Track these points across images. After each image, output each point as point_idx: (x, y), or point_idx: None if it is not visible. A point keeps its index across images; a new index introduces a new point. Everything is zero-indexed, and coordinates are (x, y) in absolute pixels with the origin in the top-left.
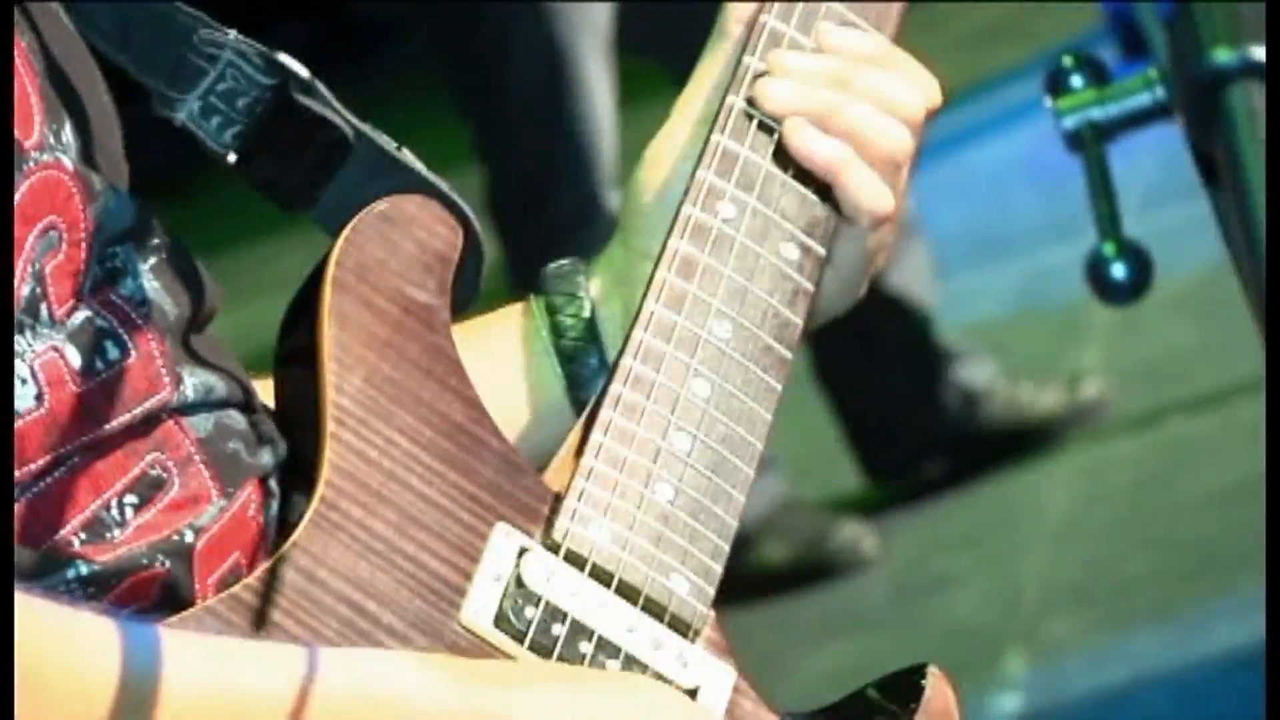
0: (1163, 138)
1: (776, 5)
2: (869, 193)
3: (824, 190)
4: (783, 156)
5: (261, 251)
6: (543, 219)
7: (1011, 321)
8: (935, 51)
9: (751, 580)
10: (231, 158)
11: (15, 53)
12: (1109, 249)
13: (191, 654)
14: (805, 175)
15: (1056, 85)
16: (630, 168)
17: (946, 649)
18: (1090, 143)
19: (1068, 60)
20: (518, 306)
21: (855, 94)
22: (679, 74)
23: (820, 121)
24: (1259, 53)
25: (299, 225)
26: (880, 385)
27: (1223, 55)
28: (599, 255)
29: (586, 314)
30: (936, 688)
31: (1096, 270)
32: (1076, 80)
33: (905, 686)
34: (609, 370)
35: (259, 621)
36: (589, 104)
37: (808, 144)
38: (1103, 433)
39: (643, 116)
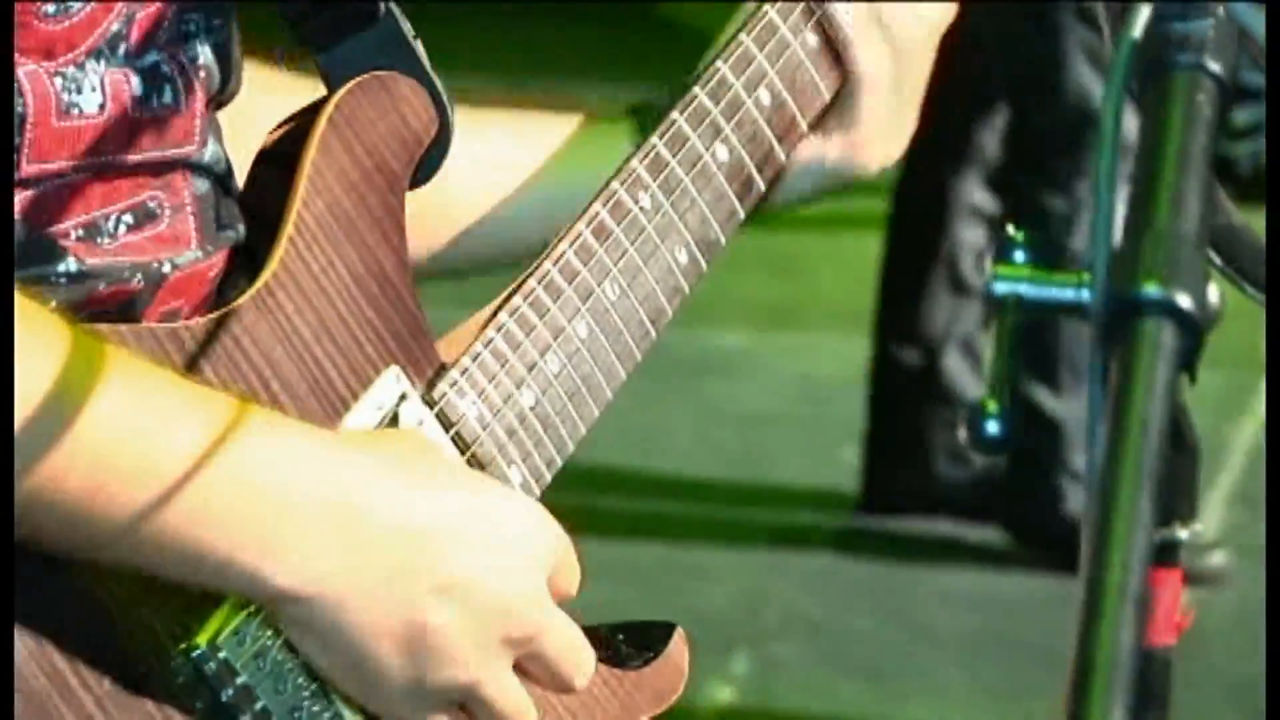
0: None
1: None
2: (880, 58)
3: (722, 218)
4: (700, 179)
5: None
6: None
7: None
8: None
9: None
10: None
11: None
12: (991, 406)
13: (125, 380)
14: (711, 201)
15: (1001, 252)
16: None
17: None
18: (1010, 310)
19: (1018, 235)
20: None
21: None
22: None
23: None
24: (1184, 301)
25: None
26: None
27: (1152, 289)
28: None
29: None
30: (678, 645)
31: (974, 419)
32: (1019, 255)
33: (654, 635)
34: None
35: (186, 361)
36: None
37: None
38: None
39: None
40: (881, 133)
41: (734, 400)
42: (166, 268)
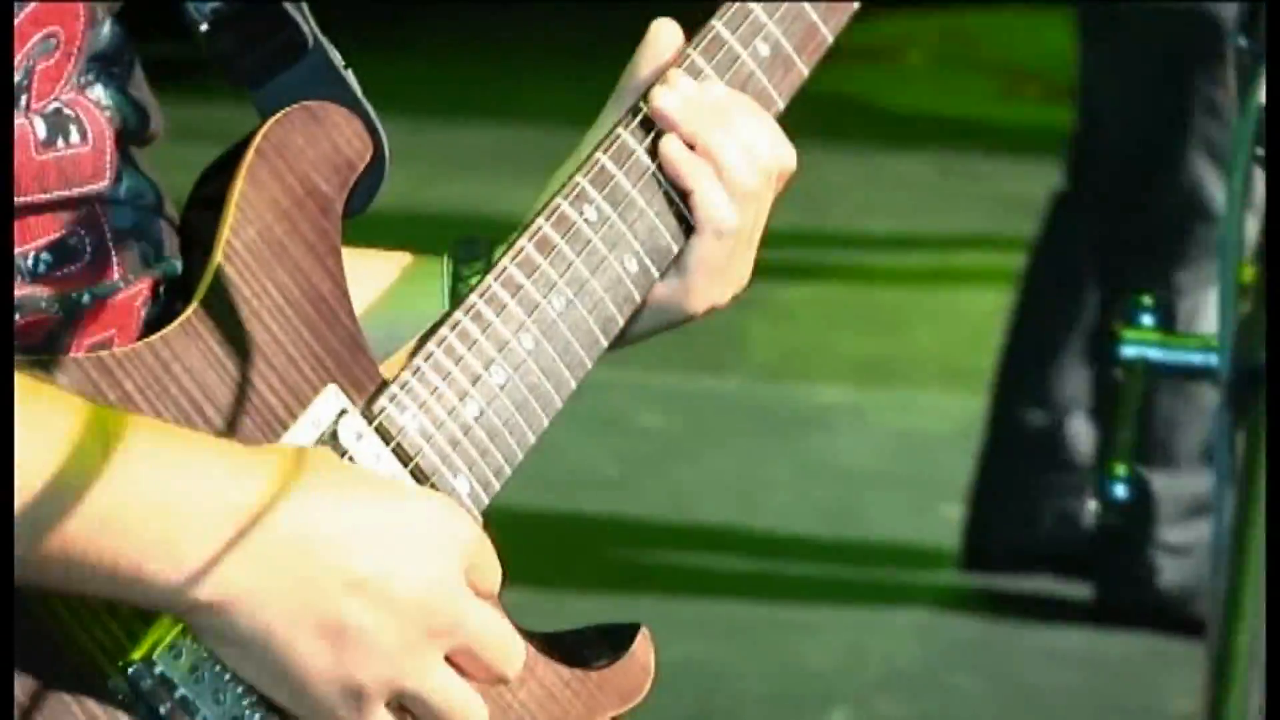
0: None
1: (697, 51)
2: (716, 204)
3: (672, 228)
4: (647, 190)
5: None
6: None
7: None
8: None
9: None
10: (204, 27)
11: None
12: (1121, 470)
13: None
14: (660, 211)
15: (1129, 316)
16: None
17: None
18: (1137, 374)
19: (1146, 299)
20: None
21: (726, 128)
22: None
23: (691, 140)
24: None
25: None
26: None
27: None
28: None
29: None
30: (642, 645)
31: (1103, 482)
32: (1147, 319)
33: (619, 636)
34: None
35: (114, 387)
36: None
37: (677, 154)
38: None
39: None
40: (714, 278)
41: (833, 456)
42: (85, 298)
